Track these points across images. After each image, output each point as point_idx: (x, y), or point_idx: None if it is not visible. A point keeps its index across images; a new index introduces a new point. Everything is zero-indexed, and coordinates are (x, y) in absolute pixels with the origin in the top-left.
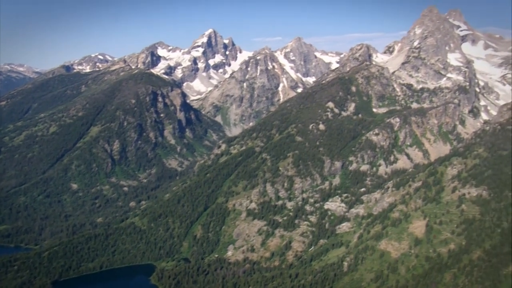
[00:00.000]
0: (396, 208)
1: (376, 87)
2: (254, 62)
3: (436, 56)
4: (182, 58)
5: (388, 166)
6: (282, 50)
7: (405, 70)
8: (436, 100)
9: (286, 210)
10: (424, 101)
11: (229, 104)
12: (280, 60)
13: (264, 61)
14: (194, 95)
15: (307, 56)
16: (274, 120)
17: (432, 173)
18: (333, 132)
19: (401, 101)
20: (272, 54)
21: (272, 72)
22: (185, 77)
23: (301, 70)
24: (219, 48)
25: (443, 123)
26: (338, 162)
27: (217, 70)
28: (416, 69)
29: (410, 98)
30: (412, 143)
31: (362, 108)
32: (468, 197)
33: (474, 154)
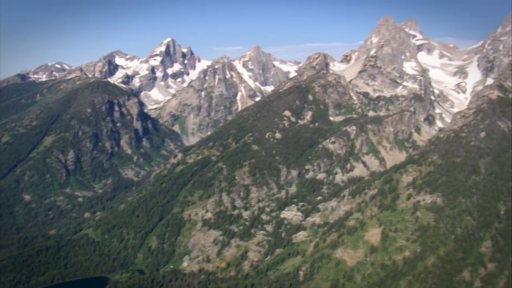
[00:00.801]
0: (352, 216)
1: (333, 96)
2: (212, 71)
3: (392, 64)
4: (140, 67)
5: (345, 174)
6: (240, 59)
7: (361, 79)
8: (392, 108)
9: (242, 220)
10: (380, 109)
11: (187, 113)
12: (238, 69)
13: (222, 70)
14: (152, 104)
15: (265, 65)
16: (231, 129)
17: (388, 180)
18: (289, 140)
19: (357, 109)
20: (230, 63)
21: (230, 81)
22: (143, 86)
23: (260, 79)
24: (177, 57)
25: (399, 131)
26: (294, 171)
27: (175, 79)
28: (372, 78)
29: (367, 106)
30: (369, 151)
31: (319, 117)
32: (422, 204)
33: (429, 161)
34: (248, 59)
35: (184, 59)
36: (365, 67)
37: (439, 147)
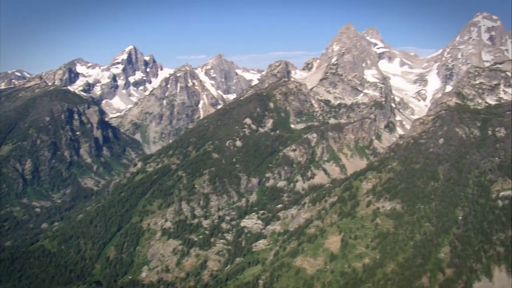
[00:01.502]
0: (312, 224)
1: (294, 103)
2: (174, 79)
3: (353, 72)
4: (101, 75)
5: (306, 182)
6: (203, 67)
7: (323, 86)
8: (353, 115)
9: (202, 229)
10: (341, 117)
11: (148, 122)
12: (201, 77)
13: (184, 78)
14: (114, 112)
15: (228, 73)
16: (191, 137)
17: (348, 187)
18: (250, 148)
19: (318, 117)
20: (192, 71)
21: (192, 89)
22: (104, 94)
23: (222, 87)
24: (139, 65)
25: (359, 138)
26: (254, 179)
27: (137, 88)
28: (333, 85)
29: (328, 114)
30: (329, 158)
31: (280, 124)
32: (382, 211)
33: (388, 168)
34: (210, 67)
35: (147, 67)
36: (326, 75)
37: (399, 154)
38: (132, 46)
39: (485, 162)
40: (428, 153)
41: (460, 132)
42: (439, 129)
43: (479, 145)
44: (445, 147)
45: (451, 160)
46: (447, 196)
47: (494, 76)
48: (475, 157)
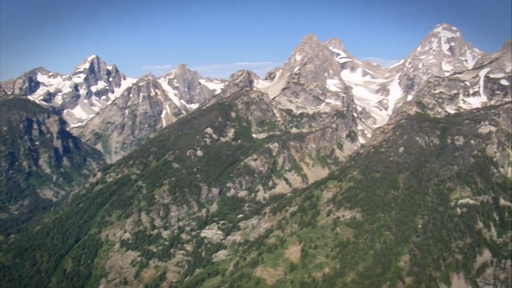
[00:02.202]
0: (272, 233)
1: (256, 113)
2: (136, 89)
3: (315, 82)
4: (62, 84)
5: (267, 192)
6: (166, 76)
7: (285, 96)
8: (315, 125)
9: (161, 240)
10: (303, 126)
11: (110, 132)
12: (164, 87)
13: (147, 88)
14: (75, 122)
15: (191, 83)
16: (152, 147)
17: (308, 197)
18: (211, 158)
19: (280, 126)
20: (155, 81)
21: (155, 99)
22: (65, 104)
23: (185, 97)
24: (102, 74)
25: (321, 147)
26: (215, 189)
27: (99, 97)
28: (295, 95)
29: (290, 123)
30: (291, 167)
31: (241, 134)
32: (342, 220)
33: (349, 177)
34: (173, 77)
35: (109, 76)
36: (289, 84)
37: (359, 162)
38: (94, 55)
39: (444, 170)
40: (388, 162)
41: (420, 141)
42: (399, 137)
43: (438, 154)
44: (405, 155)
45: (411, 169)
46: (406, 205)
47: (453, 86)
48: (435, 166)
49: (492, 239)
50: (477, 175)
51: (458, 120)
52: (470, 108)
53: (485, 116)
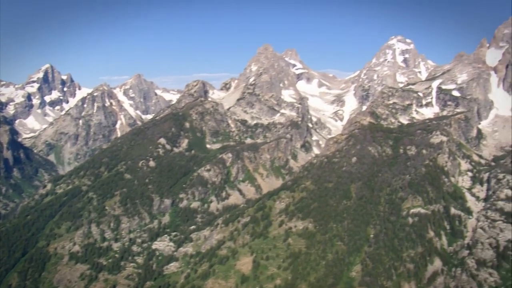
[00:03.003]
0: (224, 245)
1: (210, 123)
2: (91, 99)
3: (270, 92)
4: (15, 93)
5: (220, 202)
6: (121, 87)
7: (240, 106)
8: (270, 135)
9: (111, 252)
10: (258, 137)
11: (63, 142)
12: (119, 97)
13: (101, 98)
14: (28, 132)
15: (147, 93)
16: (104, 158)
17: (261, 207)
18: (163, 169)
19: (235, 137)
20: (110, 91)
21: (109, 109)
22: (18, 114)
23: (141, 107)
24: (56, 84)
25: (275, 158)
26: (168, 200)
27: (53, 107)
28: (250, 105)
29: (244, 133)
30: (245, 178)
31: (195, 144)
32: (294, 231)
33: (302, 187)
34: (129, 87)
35: (64, 86)
36: (244, 95)
37: (312, 173)
38: (48, 64)
39: (396, 180)
40: (341, 172)
41: (372, 151)
42: (352, 148)
43: (391, 163)
44: (357, 165)
45: (364, 179)
46: (359, 215)
47: (406, 97)
48: (387, 175)
49: (443, 247)
50: (428, 184)
51: (410, 130)
52: (423, 119)
53: (437, 126)
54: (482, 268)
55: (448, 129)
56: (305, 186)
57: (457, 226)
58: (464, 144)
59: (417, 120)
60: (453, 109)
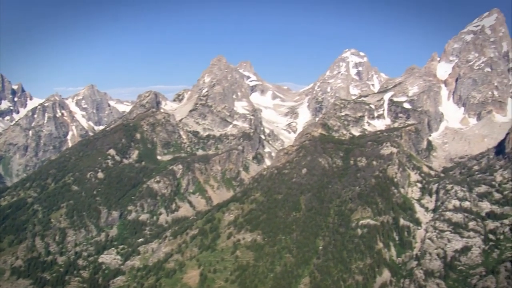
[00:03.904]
0: (171, 258)
1: (162, 134)
2: (41, 109)
3: (223, 103)
4: None
5: (169, 215)
6: (74, 97)
7: (192, 118)
8: (222, 147)
9: (56, 266)
10: (209, 148)
11: (12, 153)
12: (71, 108)
13: (52, 108)
14: None
15: (100, 104)
16: (51, 169)
17: (210, 219)
18: (112, 180)
19: (186, 148)
20: (62, 101)
21: (61, 120)
22: None
23: (93, 118)
24: (6, 93)
25: (227, 169)
26: (116, 212)
27: (3, 117)
28: (203, 117)
29: (196, 145)
30: (195, 190)
31: (146, 156)
32: (243, 243)
33: (251, 198)
34: (81, 97)
35: (14, 96)
36: (196, 106)
37: (262, 184)
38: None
39: (346, 191)
40: (291, 183)
41: (323, 162)
42: (302, 159)
43: (341, 175)
44: (307, 177)
45: (313, 190)
46: (308, 226)
47: (358, 109)
48: (337, 187)
49: (392, 259)
50: (378, 195)
51: (361, 142)
52: (374, 130)
53: (388, 138)
54: (430, 279)
55: (398, 141)
56: (254, 198)
57: (406, 237)
58: (414, 155)
59: (368, 132)
60: (404, 121)
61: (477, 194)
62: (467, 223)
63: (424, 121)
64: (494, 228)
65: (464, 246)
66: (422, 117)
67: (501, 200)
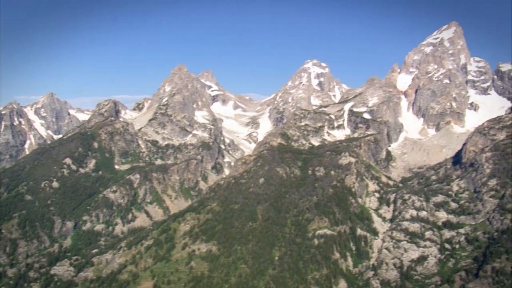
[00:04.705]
0: (125, 269)
1: (120, 143)
2: None
3: (182, 113)
4: None
5: (126, 225)
6: (32, 105)
7: (151, 127)
8: (181, 156)
9: (6, 279)
10: (168, 158)
11: None
12: (29, 116)
13: (10, 117)
14: None
15: (59, 113)
16: (4, 178)
17: (165, 230)
18: (67, 190)
19: (145, 158)
20: (20, 109)
21: (18, 128)
22: None
23: (53, 127)
24: None
25: (185, 179)
26: (70, 222)
27: None
28: (162, 126)
29: (155, 154)
30: (153, 200)
31: (103, 165)
32: (197, 254)
33: (208, 208)
34: (41, 106)
35: None
36: (156, 115)
37: (219, 194)
38: None
39: (304, 201)
40: (248, 193)
41: (281, 172)
42: (260, 168)
43: (299, 184)
44: (265, 186)
45: (270, 200)
46: (264, 237)
47: (319, 119)
48: (294, 196)
49: (348, 269)
50: (335, 205)
51: (320, 152)
52: (334, 140)
53: (347, 148)
54: None
55: (357, 151)
56: (211, 208)
57: (362, 247)
58: (373, 165)
59: (328, 142)
60: (364, 131)
61: (434, 204)
62: (424, 232)
63: (383, 131)
64: (450, 237)
65: (420, 255)
66: (381, 127)
67: (457, 209)
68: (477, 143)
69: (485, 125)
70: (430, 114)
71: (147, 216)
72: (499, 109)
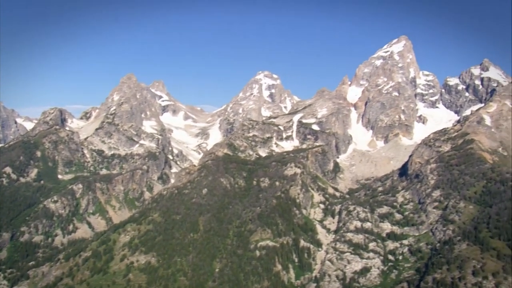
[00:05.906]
0: (61, 282)
1: (64, 153)
2: None
3: (130, 122)
4: None
5: (66, 236)
6: None
7: (98, 136)
8: (127, 166)
9: None
10: (114, 168)
11: None
12: None
13: None
14: None
15: (6, 121)
16: None
17: (105, 241)
18: (5, 199)
19: (90, 167)
20: None
21: None
22: None
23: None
24: None
25: (130, 189)
26: (6, 233)
27: None
28: (109, 135)
29: (100, 164)
30: (96, 210)
31: (45, 174)
32: (136, 265)
33: (149, 219)
34: None
35: None
36: (103, 124)
37: (161, 204)
38: None
39: (247, 212)
40: (190, 204)
41: (224, 182)
42: (204, 179)
43: (243, 195)
44: (208, 197)
45: (213, 210)
46: (205, 248)
47: (267, 130)
48: (238, 207)
49: (290, 281)
50: (279, 216)
51: (266, 162)
52: (282, 151)
53: (293, 158)
54: None
55: (304, 162)
56: (152, 218)
57: (305, 259)
58: (320, 176)
59: (276, 153)
60: (313, 143)
61: (379, 215)
62: (368, 244)
63: (331, 143)
64: (394, 248)
65: (363, 267)
66: (330, 139)
67: (402, 220)
68: (423, 154)
69: (431, 137)
70: (379, 126)
71: (89, 227)
72: (446, 122)
